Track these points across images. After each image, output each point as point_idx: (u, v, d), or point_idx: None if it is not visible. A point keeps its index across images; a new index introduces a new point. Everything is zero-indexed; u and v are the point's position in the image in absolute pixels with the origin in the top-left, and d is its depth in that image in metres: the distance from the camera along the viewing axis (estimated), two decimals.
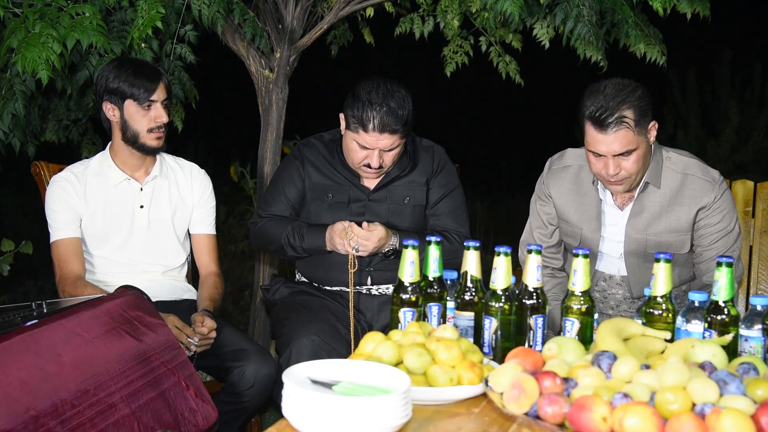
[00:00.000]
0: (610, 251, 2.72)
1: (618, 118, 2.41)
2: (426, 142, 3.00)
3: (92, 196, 2.79)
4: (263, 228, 2.92)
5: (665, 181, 2.61)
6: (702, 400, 1.54)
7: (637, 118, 2.44)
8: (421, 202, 2.93)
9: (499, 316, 2.02)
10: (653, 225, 2.62)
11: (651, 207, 2.61)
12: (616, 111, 2.41)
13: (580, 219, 2.69)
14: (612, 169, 2.47)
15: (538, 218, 2.79)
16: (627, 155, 2.46)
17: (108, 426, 1.87)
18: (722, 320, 1.93)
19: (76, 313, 2.01)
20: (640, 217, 2.62)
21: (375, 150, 2.75)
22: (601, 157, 2.48)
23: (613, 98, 2.43)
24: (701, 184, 2.59)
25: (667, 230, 2.61)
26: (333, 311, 2.82)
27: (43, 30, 2.73)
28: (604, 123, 2.42)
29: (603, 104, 2.42)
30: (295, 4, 3.55)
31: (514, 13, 2.87)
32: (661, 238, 2.62)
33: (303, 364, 1.70)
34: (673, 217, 2.60)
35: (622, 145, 2.44)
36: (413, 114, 2.77)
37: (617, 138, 2.43)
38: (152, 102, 2.73)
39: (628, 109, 2.42)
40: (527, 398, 1.61)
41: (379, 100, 2.70)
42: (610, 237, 2.69)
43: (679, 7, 3.25)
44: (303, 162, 2.92)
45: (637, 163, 2.49)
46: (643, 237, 2.63)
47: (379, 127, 2.70)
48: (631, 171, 2.50)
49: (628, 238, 2.65)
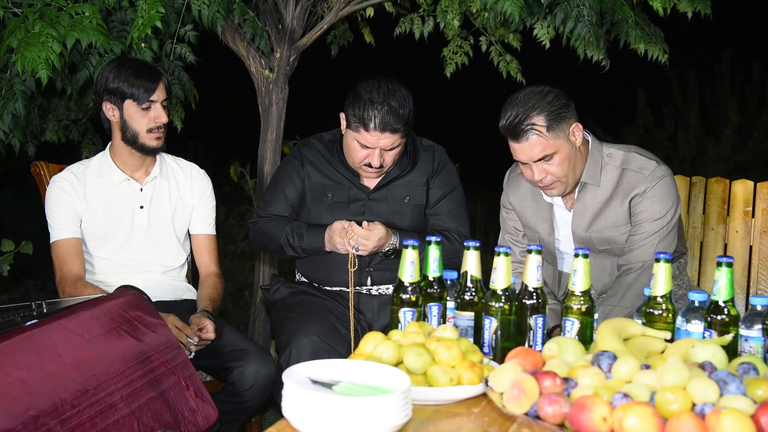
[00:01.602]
0: (567, 250, 2.77)
1: (527, 125, 2.47)
2: (426, 141, 3.01)
3: (92, 197, 2.79)
4: (263, 228, 2.92)
5: (605, 179, 2.63)
6: (702, 400, 1.54)
7: (548, 124, 2.48)
8: (421, 201, 2.93)
9: (499, 316, 2.02)
10: (595, 223, 2.65)
11: (592, 205, 2.65)
12: (525, 119, 2.47)
13: (536, 222, 2.76)
14: (537, 174, 2.53)
15: (506, 225, 2.88)
16: (548, 160, 2.51)
17: (108, 426, 1.87)
18: (722, 320, 1.93)
19: (75, 313, 2.01)
20: (583, 216, 2.67)
21: (376, 149, 2.75)
22: (527, 164, 2.54)
23: (522, 106, 2.49)
24: (634, 176, 2.61)
25: (608, 226, 2.65)
26: (333, 311, 2.82)
27: (42, 30, 2.73)
28: (515, 132, 2.49)
29: (512, 114, 2.49)
30: (295, 4, 3.55)
31: (514, 13, 2.87)
32: (604, 234, 2.65)
33: (303, 364, 1.70)
34: (611, 212, 2.63)
35: (537, 151, 2.49)
36: (414, 113, 2.77)
37: (530, 145, 2.49)
38: (152, 102, 2.73)
39: (537, 115, 2.47)
40: (527, 398, 1.61)
41: (381, 99, 2.70)
42: (564, 239, 2.75)
43: (679, 7, 3.26)
44: (302, 162, 2.92)
45: (561, 166, 2.53)
46: (587, 235, 2.67)
47: (381, 126, 2.70)
48: (558, 174, 2.54)
49: (575, 237, 2.70)
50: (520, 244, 2.84)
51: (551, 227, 2.73)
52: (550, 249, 2.75)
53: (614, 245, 2.66)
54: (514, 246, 2.83)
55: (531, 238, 2.80)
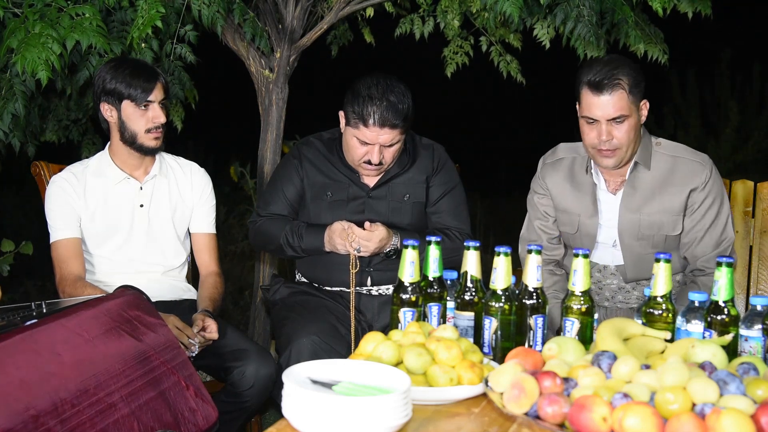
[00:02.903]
0: (605, 239, 2.77)
1: (614, 80, 2.54)
2: (425, 140, 3.01)
3: (92, 196, 2.79)
4: (262, 227, 2.92)
5: (655, 164, 2.69)
6: (702, 400, 1.54)
7: (631, 88, 2.56)
8: (421, 199, 2.94)
9: (499, 316, 2.02)
10: (647, 205, 2.69)
11: (643, 187, 2.69)
12: (615, 74, 2.54)
13: (576, 206, 2.76)
14: (605, 134, 2.57)
15: (537, 210, 2.85)
16: (620, 122, 2.56)
17: (108, 425, 1.87)
18: (722, 320, 1.93)
19: (75, 313, 2.01)
20: (633, 197, 2.70)
21: (375, 145, 2.76)
22: (595, 124, 2.58)
23: (613, 63, 2.57)
24: (692, 165, 2.69)
25: (661, 210, 2.68)
26: (333, 311, 2.82)
27: (42, 30, 2.73)
28: (601, 84, 2.54)
29: (602, 68, 2.56)
30: (295, 4, 3.55)
31: (513, 13, 2.87)
32: (654, 218, 2.69)
33: (303, 364, 1.70)
34: (666, 197, 2.68)
35: (616, 108, 2.54)
36: (413, 110, 2.78)
37: (612, 100, 2.54)
38: (149, 102, 2.72)
39: (625, 76, 2.56)
40: (527, 398, 1.61)
41: (379, 95, 2.71)
42: (605, 223, 2.75)
43: (679, 7, 3.26)
44: (301, 161, 2.93)
45: (628, 133, 2.58)
46: (636, 217, 2.70)
47: (380, 122, 2.71)
48: (622, 141, 2.58)
49: (622, 219, 2.71)
50: (549, 230, 2.84)
51: (594, 208, 2.73)
52: (590, 232, 2.75)
53: (659, 232, 2.69)
54: (542, 232, 2.83)
55: (567, 223, 2.79)
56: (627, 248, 2.74)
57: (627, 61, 2.62)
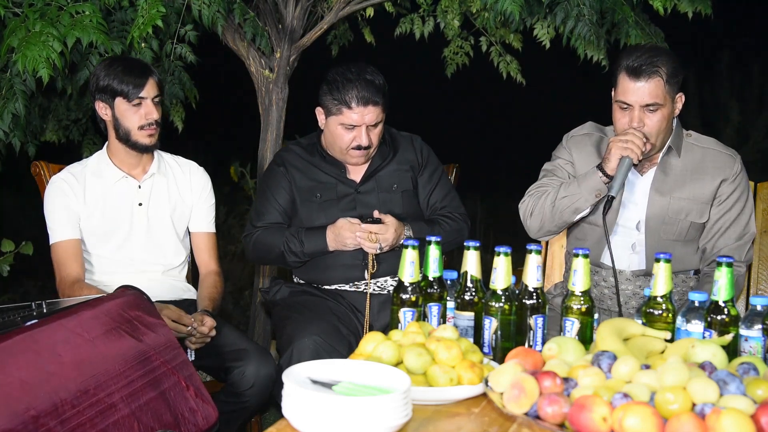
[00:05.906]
0: (626, 221, 2.73)
1: (653, 67, 2.54)
2: (403, 132, 3.06)
3: (91, 196, 2.79)
4: (259, 238, 2.90)
5: (686, 154, 2.72)
6: (702, 400, 1.54)
7: (669, 77, 2.56)
8: (409, 187, 2.95)
9: (499, 316, 2.02)
10: (678, 190, 2.70)
11: (674, 172, 2.70)
12: (651, 62, 2.54)
13: None
14: (636, 121, 2.57)
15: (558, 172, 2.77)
16: (653, 110, 2.57)
17: (108, 426, 1.87)
18: (722, 320, 1.93)
19: (75, 313, 2.01)
20: (665, 180, 2.70)
21: (362, 126, 2.80)
22: (628, 110, 2.58)
23: (650, 51, 2.58)
24: (723, 157, 2.72)
25: (690, 197, 2.69)
26: (334, 311, 2.82)
27: (43, 29, 2.73)
28: (639, 70, 2.54)
29: (640, 55, 2.56)
30: (295, 4, 3.55)
31: (514, 12, 2.87)
32: (683, 203, 2.69)
33: (303, 364, 1.70)
34: (697, 185, 2.69)
35: (651, 96, 2.55)
36: (387, 88, 2.83)
37: (648, 87, 2.54)
38: (142, 99, 2.72)
39: (663, 64, 2.56)
40: (527, 398, 1.61)
41: (355, 77, 2.78)
42: (629, 203, 2.73)
43: (679, 7, 3.26)
44: (286, 167, 2.94)
45: (660, 123, 2.59)
46: (666, 200, 2.70)
47: (363, 101, 2.76)
48: (653, 129, 2.58)
49: (652, 200, 2.71)
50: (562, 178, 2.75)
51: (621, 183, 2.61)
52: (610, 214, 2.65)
53: (686, 218, 2.69)
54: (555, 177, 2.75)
55: None
56: (651, 232, 2.71)
57: (668, 51, 2.64)
